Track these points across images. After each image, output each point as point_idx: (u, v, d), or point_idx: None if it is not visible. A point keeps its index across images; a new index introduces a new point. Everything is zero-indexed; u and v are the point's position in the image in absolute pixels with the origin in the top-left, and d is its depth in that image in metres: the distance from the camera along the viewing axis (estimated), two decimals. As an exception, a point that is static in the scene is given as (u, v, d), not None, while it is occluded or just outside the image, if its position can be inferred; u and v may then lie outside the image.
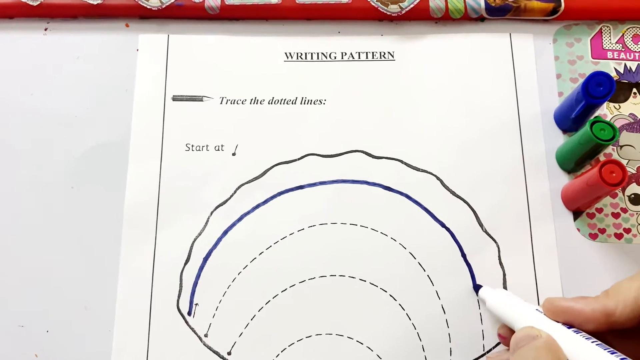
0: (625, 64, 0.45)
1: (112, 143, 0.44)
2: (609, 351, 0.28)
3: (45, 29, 0.47)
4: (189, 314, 0.40)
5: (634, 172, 0.42)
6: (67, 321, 0.40)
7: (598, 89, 0.38)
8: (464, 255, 0.41)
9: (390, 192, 0.43)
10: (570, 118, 0.41)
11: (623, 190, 0.42)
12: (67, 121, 0.44)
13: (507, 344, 0.35)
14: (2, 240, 0.41)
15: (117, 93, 0.45)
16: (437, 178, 0.43)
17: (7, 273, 0.41)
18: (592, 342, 0.29)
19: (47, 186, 0.43)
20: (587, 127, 0.37)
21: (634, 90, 0.44)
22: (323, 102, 0.45)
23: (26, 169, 0.43)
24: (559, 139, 0.43)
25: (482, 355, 0.39)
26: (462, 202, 0.42)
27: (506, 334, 0.37)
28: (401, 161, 0.43)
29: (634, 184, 0.42)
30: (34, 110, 0.44)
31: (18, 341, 0.39)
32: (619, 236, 0.41)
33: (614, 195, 0.42)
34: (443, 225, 0.42)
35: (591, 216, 0.41)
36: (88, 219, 0.42)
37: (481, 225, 0.42)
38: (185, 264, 0.41)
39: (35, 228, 0.42)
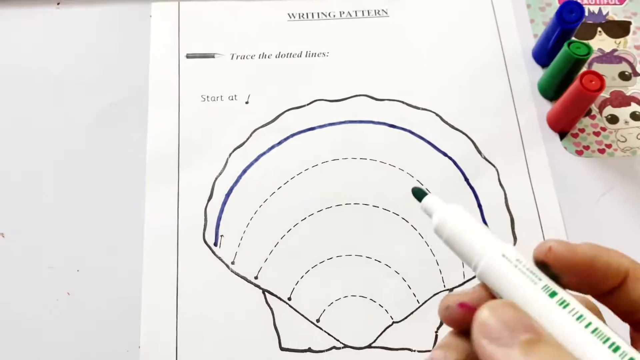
0: (588, 8, 0.50)
1: (129, 100, 0.46)
2: None
3: (58, 3, 0.50)
4: (215, 244, 0.42)
5: (608, 96, 0.47)
6: (96, 260, 0.41)
7: (570, 15, 0.43)
8: (466, 180, 0.45)
9: (395, 129, 0.46)
10: (548, 49, 0.46)
11: (600, 112, 0.47)
12: (84, 83, 0.47)
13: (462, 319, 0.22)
14: (31, 187, 0.43)
15: (131, 56, 0.48)
16: (437, 114, 0.47)
17: (38, 220, 0.42)
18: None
19: (72, 140, 0.45)
20: (564, 47, 0.42)
21: (599, 29, 0.50)
22: (326, 54, 0.49)
23: (51, 125, 0.45)
24: (539, 73, 0.48)
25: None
26: (460, 133, 0.46)
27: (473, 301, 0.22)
28: (402, 102, 0.47)
29: (610, 106, 0.47)
30: (53, 75, 0.47)
31: (49, 281, 0.41)
32: (602, 151, 0.45)
33: (593, 117, 0.46)
34: (445, 154, 0.45)
35: (575, 136, 0.46)
36: (112, 166, 0.44)
37: (480, 152, 0.45)
38: (209, 200, 0.43)
39: (63, 175, 0.44)
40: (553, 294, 0.20)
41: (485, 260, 0.22)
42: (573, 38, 0.45)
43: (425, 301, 0.41)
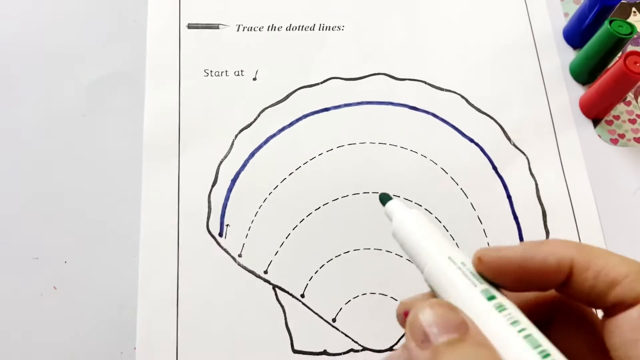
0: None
1: (123, 72, 0.42)
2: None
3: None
4: (220, 235, 0.38)
5: (646, 82, 0.44)
6: (86, 251, 0.37)
7: (611, -10, 0.40)
8: (495, 168, 0.41)
9: (417, 112, 0.42)
10: (582, 29, 0.43)
11: (636, 98, 0.43)
12: (76, 54, 0.42)
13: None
14: (13, 168, 0.39)
15: (127, 25, 0.43)
16: (462, 97, 0.43)
17: (21, 205, 0.38)
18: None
19: (60, 117, 0.40)
20: (605, 25, 0.39)
21: (633, 9, 0.47)
22: (342, 28, 0.44)
23: (38, 100, 0.41)
24: (570, 55, 0.44)
25: (522, 263, 0.39)
26: (488, 118, 0.42)
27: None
28: (425, 82, 0.43)
29: (646, 93, 0.44)
30: (39, 45, 0.42)
31: (33, 273, 0.36)
32: (638, 140, 0.42)
33: (628, 103, 0.43)
34: (472, 140, 0.42)
35: (610, 123, 0.42)
36: (104, 147, 0.40)
37: (509, 138, 0.42)
38: (213, 186, 0.39)
39: (49, 156, 0.39)
40: (491, 298, 0.20)
41: (431, 263, 0.22)
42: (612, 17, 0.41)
43: (451, 300, 0.37)
